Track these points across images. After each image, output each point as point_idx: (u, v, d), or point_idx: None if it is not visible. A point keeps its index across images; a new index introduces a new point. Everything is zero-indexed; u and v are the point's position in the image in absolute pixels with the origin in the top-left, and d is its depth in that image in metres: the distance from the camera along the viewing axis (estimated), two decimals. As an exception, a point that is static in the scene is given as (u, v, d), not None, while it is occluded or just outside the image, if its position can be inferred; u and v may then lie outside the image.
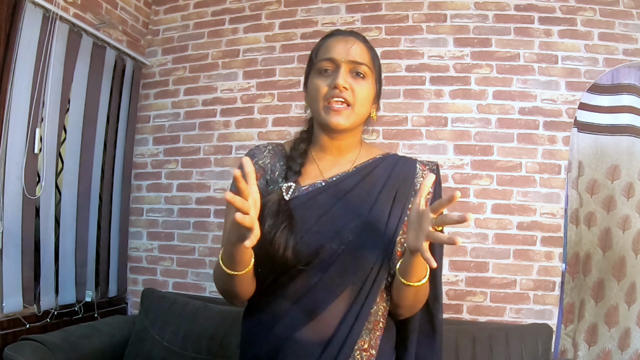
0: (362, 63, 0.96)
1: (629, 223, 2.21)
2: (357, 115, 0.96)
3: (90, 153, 2.24)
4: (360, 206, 0.94)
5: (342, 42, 0.97)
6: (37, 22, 1.90)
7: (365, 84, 0.97)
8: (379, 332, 0.95)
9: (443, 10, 2.28)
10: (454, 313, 2.11)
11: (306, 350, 0.89)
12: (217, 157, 2.47)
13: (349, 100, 0.94)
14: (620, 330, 2.19)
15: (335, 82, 0.93)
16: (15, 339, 1.73)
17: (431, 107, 2.24)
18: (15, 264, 1.85)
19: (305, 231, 0.91)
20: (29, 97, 1.89)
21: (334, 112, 0.94)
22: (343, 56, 0.95)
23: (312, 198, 0.95)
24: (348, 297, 0.91)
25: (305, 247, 0.90)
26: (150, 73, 2.63)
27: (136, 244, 2.55)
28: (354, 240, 0.91)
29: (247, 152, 1.05)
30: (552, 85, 2.15)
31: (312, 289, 0.91)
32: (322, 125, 0.98)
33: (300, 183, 0.97)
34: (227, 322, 1.93)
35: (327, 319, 0.90)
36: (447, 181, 2.18)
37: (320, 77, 0.97)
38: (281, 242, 0.87)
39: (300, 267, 0.90)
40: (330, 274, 0.90)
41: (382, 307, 0.96)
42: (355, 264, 0.91)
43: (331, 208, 0.93)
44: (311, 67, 1.01)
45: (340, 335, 0.89)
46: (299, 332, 0.89)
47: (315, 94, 0.96)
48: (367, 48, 1.00)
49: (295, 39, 2.43)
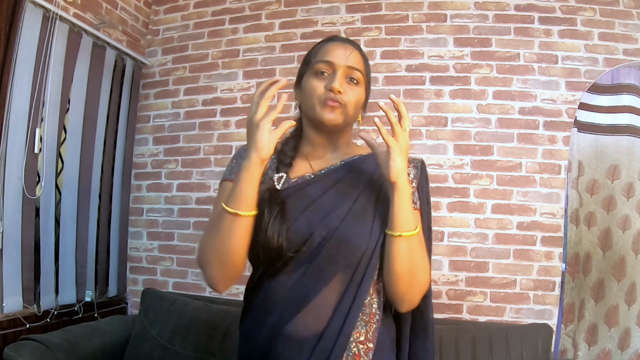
0: (357, 69, 1.01)
1: (629, 223, 2.21)
2: (347, 116, 1.01)
3: (90, 153, 2.24)
4: (347, 196, 0.97)
5: (341, 48, 1.01)
6: (37, 22, 1.90)
7: (358, 89, 1.02)
8: (375, 324, 0.96)
9: (443, 10, 2.28)
10: (454, 313, 2.11)
11: (299, 343, 0.89)
12: (217, 157, 2.47)
13: (343, 102, 0.99)
14: (620, 330, 2.18)
15: (331, 85, 0.97)
16: (15, 339, 1.74)
17: (431, 107, 2.24)
18: (15, 264, 1.85)
19: (295, 219, 0.93)
20: (29, 97, 1.89)
21: (329, 108, 0.98)
22: (341, 61, 0.99)
23: (301, 189, 0.99)
24: (339, 287, 0.92)
25: (296, 234, 0.92)
26: (150, 73, 2.63)
27: (136, 244, 2.55)
28: (340, 227, 0.93)
29: (237, 151, 1.10)
30: (552, 85, 2.15)
31: (301, 278, 0.92)
32: (315, 122, 1.02)
33: (290, 176, 1.02)
34: (226, 321, 1.93)
35: (318, 310, 0.91)
36: (447, 181, 2.18)
37: (316, 78, 1.00)
38: (275, 229, 0.90)
39: (289, 254, 0.92)
40: (318, 262, 0.92)
41: (376, 300, 0.98)
42: (342, 251, 0.93)
43: (319, 197, 0.97)
44: (306, 67, 1.05)
45: (333, 327, 0.90)
46: (290, 324, 0.90)
47: (311, 92, 1.00)
48: (362, 57, 1.05)
49: (295, 39, 2.43)
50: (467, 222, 2.14)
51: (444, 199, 2.17)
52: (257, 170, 0.88)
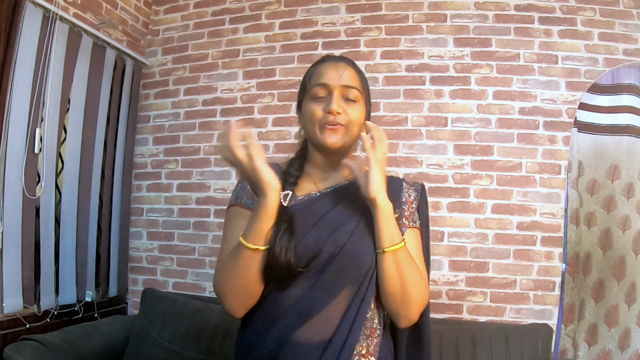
0: (353, 87, 1.01)
1: (629, 223, 2.21)
2: (350, 135, 1.02)
3: (90, 153, 2.24)
4: (353, 213, 0.98)
5: (333, 68, 1.02)
6: (37, 22, 1.90)
7: (357, 106, 1.02)
8: (376, 339, 0.97)
9: (443, 10, 2.28)
10: (454, 313, 2.11)
11: (305, 352, 0.90)
12: (217, 157, 2.46)
13: (343, 122, 1.00)
14: (620, 331, 2.18)
15: (329, 108, 0.98)
16: (15, 339, 1.73)
17: (431, 107, 2.24)
18: (15, 264, 1.84)
19: (304, 234, 0.94)
20: (29, 97, 1.89)
21: (329, 131, 0.99)
22: (335, 81, 1.00)
23: (308, 206, 1.00)
24: (345, 300, 0.93)
25: (304, 250, 0.93)
26: (150, 73, 2.63)
27: (136, 244, 2.55)
28: (348, 243, 0.94)
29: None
30: (552, 85, 2.15)
31: (309, 290, 0.93)
32: (318, 146, 1.03)
33: (296, 194, 1.02)
34: (227, 322, 1.93)
35: (325, 320, 0.92)
36: (447, 181, 2.18)
37: (314, 102, 1.01)
38: (283, 245, 0.90)
39: (299, 269, 0.92)
40: (327, 275, 0.93)
41: (377, 315, 0.99)
42: (350, 266, 0.94)
43: (327, 214, 0.98)
44: (304, 92, 1.06)
45: (338, 339, 0.91)
46: (297, 333, 0.90)
47: (310, 117, 1.01)
48: (357, 72, 1.05)
49: (295, 39, 2.43)
50: (467, 222, 2.15)
51: (444, 199, 2.17)
52: (274, 205, 0.89)
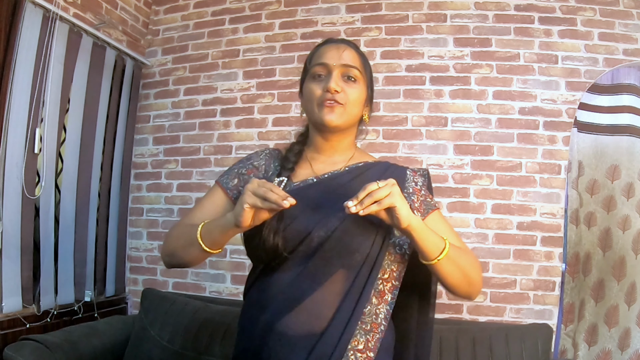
0: (353, 66, 1.01)
1: (629, 223, 2.21)
2: (349, 115, 1.01)
3: (90, 153, 2.23)
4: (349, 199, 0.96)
5: (334, 48, 1.03)
6: (37, 22, 1.90)
7: (357, 86, 1.02)
8: (379, 334, 0.95)
9: (443, 10, 2.28)
10: (454, 313, 2.11)
11: (291, 342, 0.89)
12: (217, 157, 2.47)
13: (341, 101, 0.99)
14: (620, 330, 2.18)
15: (327, 86, 0.98)
16: (15, 339, 1.73)
17: (431, 107, 2.24)
18: (14, 264, 1.84)
19: (294, 218, 0.94)
20: (29, 97, 1.89)
21: (327, 109, 0.99)
22: (335, 61, 1.00)
23: (302, 191, 0.99)
24: (339, 291, 0.92)
25: (293, 234, 0.93)
26: (150, 73, 2.63)
27: (136, 244, 2.55)
28: (340, 228, 0.93)
29: (246, 156, 1.12)
30: (552, 85, 2.15)
31: (296, 277, 0.93)
32: (317, 125, 1.03)
33: (293, 180, 1.02)
34: (226, 321, 1.93)
35: (315, 311, 0.91)
36: (447, 181, 2.18)
37: (314, 81, 1.02)
38: (271, 228, 0.91)
39: (286, 254, 0.93)
40: (315, 262, 0.93)
41: (381, 310, 0.97)
42: (339, 253, 0.93)
43: (320, 199, 0.98)
44: (306, 73, 1.06)
45: (333, 331, 0.90)
46: (282, 322, 0.90)
47: (309, 96, 1.01)
48: (358, 54, 1.05)
49: (295, 39, 2.43)
50: (467, 222, 2.14)
51: (444, 199, 2.17)
52: (232, 232, 0.92)
